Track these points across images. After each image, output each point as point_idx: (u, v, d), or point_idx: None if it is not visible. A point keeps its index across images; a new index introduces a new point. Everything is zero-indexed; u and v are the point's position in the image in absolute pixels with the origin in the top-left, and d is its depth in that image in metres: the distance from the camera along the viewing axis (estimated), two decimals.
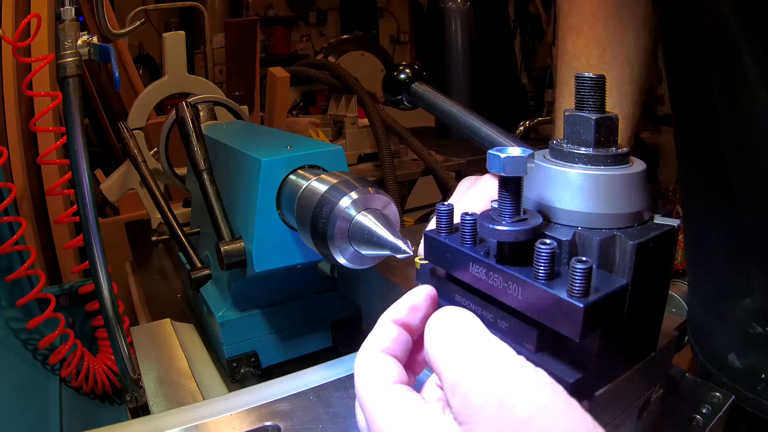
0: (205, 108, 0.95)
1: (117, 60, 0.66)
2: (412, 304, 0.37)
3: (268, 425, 0.50)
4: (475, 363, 0.29)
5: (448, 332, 0.32)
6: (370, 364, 0.34)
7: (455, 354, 0.30)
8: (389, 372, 0.33)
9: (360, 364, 0.34)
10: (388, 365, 0.34)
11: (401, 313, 0.36)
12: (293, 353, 0.74)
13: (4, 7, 0.98)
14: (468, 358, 0.29)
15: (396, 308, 0.37)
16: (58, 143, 0.91)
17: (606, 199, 0.34)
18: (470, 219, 0.36)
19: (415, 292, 0.38)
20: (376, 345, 0.35)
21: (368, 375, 0.33)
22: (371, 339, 0.35)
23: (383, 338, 0.35)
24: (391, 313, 0.37)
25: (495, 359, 0.29)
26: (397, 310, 0.37)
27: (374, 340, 0.35)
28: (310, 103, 2.45)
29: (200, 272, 0.73)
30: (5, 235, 0.84)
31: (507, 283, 0.33)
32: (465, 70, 2.59)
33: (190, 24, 4.04)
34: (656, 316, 0.38)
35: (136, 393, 0.73)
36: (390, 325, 0.36)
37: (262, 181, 0.59)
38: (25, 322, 0.85)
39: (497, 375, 0.28)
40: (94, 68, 1.58)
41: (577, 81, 0.36)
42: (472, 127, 0.58)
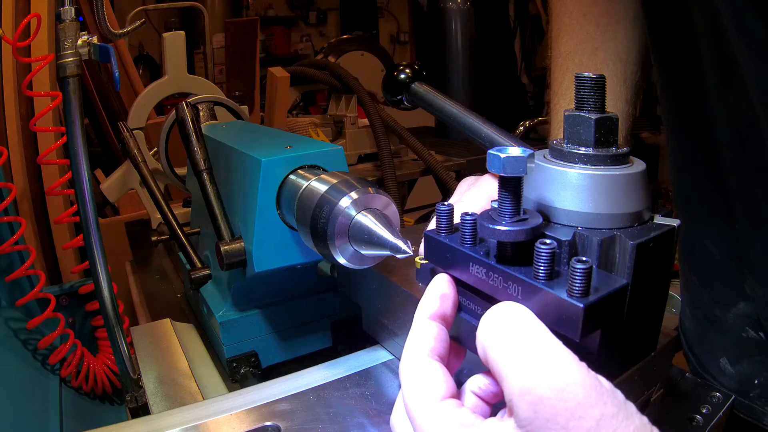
0: (205, 108, 0.95)
1: (117, 60, 0.66)
2: (441, 293, 0.37)
3: (268, 425, 0.50)
4: (546, 369, 0.28)
5: (512, 333, 0.30)
6: (418, 375, 0.33)
7: (523, 358, 0.29)
8: (439, 385, 0.33)
9: (407, 373, 0.34)
10: (437, 377, 0.33)
11: (435, 306, 0.36)
12: (293, 353, 0.74)
13: (4, 7, 0.98)
14: (538, 363, 0.28)
15: (428, 303, 0.37)
16: (58, 143, 0.91)
17: (606, 199, 0.34)
18: (470, 219, 0.36)
19: (438, 281, 0.38)
20: (421, 348, 0.35)
21: (417, 389, 0.33)
22: (414, 342, 0.35)
23: (427, 339, 0.35)
24: (426, 309, 0.36)
25: (563, 366, 0.28)
26: (430, 304, 0.36)
27: (418, 343, 0.35)
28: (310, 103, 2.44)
29: (200, 272, 0.73)
30: (5, 235, 0.84)
31: (507, 283, 0.33)
32: (465, 70, 2.59)
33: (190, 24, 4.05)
34: (656, 316, 0.38)
35: (136, 393, 0.73)
36: (429, 323, 0.36)
37: (262, 181, 0.59)
38: (25, 322, 0.85)
39: (568, 384, 0.27)
40: (94, 68, 1.58)
41: (577, 81, 0.36)
42: (472, 127, 0.58)
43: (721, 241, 0.54)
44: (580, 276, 0.29)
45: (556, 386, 0.27)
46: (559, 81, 0.63)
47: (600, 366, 0.33)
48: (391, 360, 0.62)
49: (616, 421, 0.27)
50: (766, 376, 0.53)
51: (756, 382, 0.54)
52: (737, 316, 0.54)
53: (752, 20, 0.41)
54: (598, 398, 0.27)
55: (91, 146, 1.64)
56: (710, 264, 0.56)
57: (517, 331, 0.30)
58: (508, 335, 0.30)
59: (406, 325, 0.59)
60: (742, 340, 0.54)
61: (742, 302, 0.54)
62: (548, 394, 0.27)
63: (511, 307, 0.32)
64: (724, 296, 0.55)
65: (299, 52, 5.28)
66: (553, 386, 0.27)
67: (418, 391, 0.33)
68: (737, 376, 0.55)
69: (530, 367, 0.28)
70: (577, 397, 0.27)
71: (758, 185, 0.47)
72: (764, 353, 0.53)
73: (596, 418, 0.26)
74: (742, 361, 0.55)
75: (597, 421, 0.26)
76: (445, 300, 0.37)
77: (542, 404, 0.27)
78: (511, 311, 0.31)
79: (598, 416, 0.26)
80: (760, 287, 0.51)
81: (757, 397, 0.54)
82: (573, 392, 0.27)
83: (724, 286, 0.55)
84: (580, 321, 0.29)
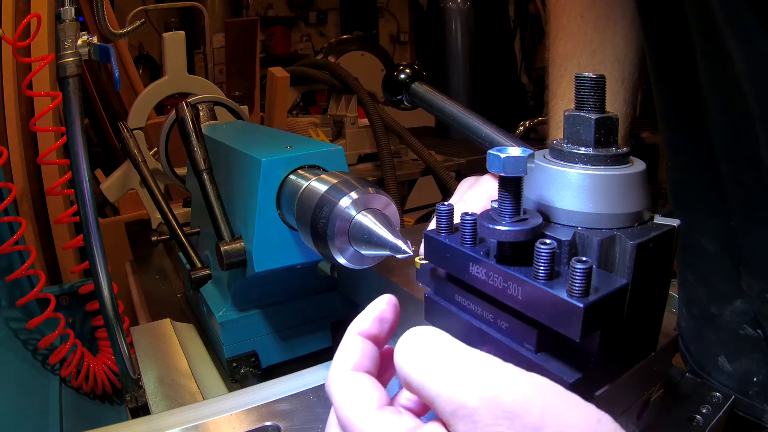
0: (205, 108, 0.95)
1: (117, 60, 0.66)
2: (380, 316, 0.35)
3: (268, 425, 0.50)
4: (472, 380, 0.27)
5: (429, 355, 0.30)
6: (349, 387, 0.32)
7: (447, 375, 0.28)
8: (372, 394, 0.31)
9: (337, 386, 0.32)
10: (369, 386, 0.32)
11: (366, 325, 0.35)
12: (293, 353, 0.74)
13: (4, 7, 0.98)
14: (462, 376, 0.28)
15: (361, 320, 0.35)
16: (58, 143, 0.91)
17: (606, 199, 0.34)
18: (470, 219, 0.36)
19: (379, 302, 0.36)
20: (347, 362, 0.33)
21: (351, 400, 0.31)
22: (342, 357, 0.34)
23: (353, 354, 0.33)
24: (357, 326, 0.35)
25: (489, 373, 0.28)
26: (363, 321, 0.35)
27: (346, 358, 0.33)
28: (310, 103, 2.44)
29: (200, 272, 0.73)
30: (5, 235, 0.84)
31: (507, 283, 0.33)
32: (465, 70, 2.59)
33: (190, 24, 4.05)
34: (656, 316, 0.38)
35: (136, 393, 0.73)
36: (357, 339, 0.34)
37: (262, 181, 0.60)
38: (25, 322, 0.85)
39: (498, 388, 0.27)
40: (94, 68, 1.58)
41: (577, 81, 0.36)
42: (472, 127, 0.58)
43: (716, 237, 0.54)
44: (580, 276, 0.29)
45: (487, 393, 0.27)
46: (557, 82, 0.63)
47: (600, 366, 0.34)
48: None
49: (559, 410, 0.26)
50: (765, 373, 0.53)
51: (755, 379, 0.54)
52: (734, 314, 0.54)
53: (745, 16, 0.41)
54: (535, 393, 0.27)
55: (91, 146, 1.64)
56: (706, 260, 0.56)
57: (433, 353, 0.30)
58: (425, 358, 0.30)
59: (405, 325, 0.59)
60: (740, 337, 0.54)
61: (738, 299, 0.54)
62: (481, 403, 0.27)
63: (421, 331, 0.31)
64: (720, 293, 0.55)
65: (299, 52, 5.28)
66: (484, 394, 0.27)
67: (353, 402, 0.31)
68: (736, 374, 0.55)
69: (455, 384, 0.28)
70: (513, 397, 0.26)
71: (752, 180, 0.47)
72: (762, 350, 0.53)
73: (539, 412, 0.26)
74: (740, 359, 0.55)
75: (540, 414, 0.26)
76: (383, 324, 0.36)
77: (479, 415, 0.26)
78: (422, 334, 0.31)
79: (541, 409, 0.26)
80: (755, 283, 0.51)
81: (756, 395, 0.54)
82: (507, 394, 0.26)
83: (720, 283, 0.55)
84: (580, 321, 0.29)
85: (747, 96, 0.44)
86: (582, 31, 0.61)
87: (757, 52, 0.42)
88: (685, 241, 0.58)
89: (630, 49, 0.61)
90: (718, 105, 0.48)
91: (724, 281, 0.54)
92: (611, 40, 0.60)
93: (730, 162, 0.49)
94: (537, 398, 0.26)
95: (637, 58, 0.61)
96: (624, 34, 0.60)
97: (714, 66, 0.47)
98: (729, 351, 0.56)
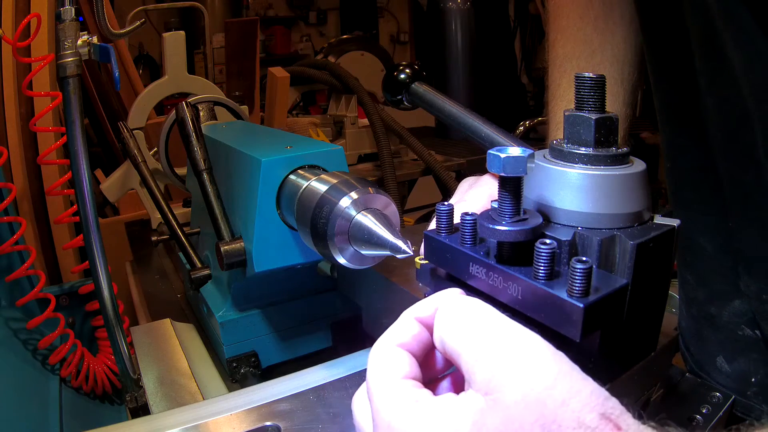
0: (205, 108, 0.95)
1: (117, 60, 0.66)
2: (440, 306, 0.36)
3: (268, 425, 0.50)
4: (500, 336, 0.30)
5: (465, 312, 0.32)
6: (383, 358, 0.34)
7: (478, 330, 0.31)
8: (401, 366, 0.33)
9: (374, 355, 0.34)
10: (401, 360, 0.33)
11: (426, 312, 0.36)
12: (293, 353, 0.74)
13: (4, 7, 0.98)
14: (492, 332, 0.30)
15: (422, 306, 0.36)
16: (58, 143, 0.90)
17: (606, 199, 0.34)
18: (470, 219, 0.36)
19: (446, 294, 0.37)
20: (393, 339, 0.35)
21: (379, 368, 0.33)
22: (389, 332, 0.35)
23: (402, 333, 0.35)
24: (416, 310, 0.36)
25: (515, 333, 0.30)
26: (423, 308, 0.36)
27: (392, 334, 0.35)
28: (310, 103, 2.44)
29: (200, 272, 0.73)
30: (5, 235, 0.84)
31: (507, 283, 0.33)
32: (465, 70, 2.59)
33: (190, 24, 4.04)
34: (656, 316, 0.38)
35: (136, 393, 0.73)
36: (412, 322, 0.36)
37: (262, 181, 0.59)
38: (25, 322, 0.85)
39: (521, 346, 0.29)
40: (94, 68, 1.58)
41: (577, 81, 0.36)
42: (472, 127, 0.58)
43: (714, 237, 0.54)
44: (580, 276, 0.29)
45: (511, 347, 0.29)
46: (557, 83, 0.63)
47: (600, 366, 0.34)
48: None
49: (571, 379, 0.28)
50: (763, 374, 0.53)
51: (753, 380, 0.54)
52: (733, 314, 0.54)
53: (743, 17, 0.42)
54: (552, 358, 0.28)
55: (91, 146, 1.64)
56: (705, 260, 0.56)
57: (468, 312, 0.32)
58: (463, 316, 0.32)
59: None
60: (738, 338, 0.54)
61: (737, 300, 0.54)
62: (504, 354, 0.29)
63: (464, 300, 0.33)
64: (718, 294, 0.55)
65: (299, 52, 5.28)
66: (508, 348, 0.29)
67: (380, 371, 0.33)
68: (734, 374, 0.55)
69: (483, 338, 0.30)
70: (533, 356, 0.28)
71: (750, 180, 0.47)
72: (761, 351, 0.53)
73: (554, 374, 0.28)
74: (738, 359, 0.55)
75: (554, 377, 0.28)
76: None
77: (500, 363, 0.29)
78: (465, 304, 0.33)
79: (556, 372, 0.28)
80: (754, 284, 0.51)
81: (754, 395, 0.54)
82: (529, 351, 0.29)
83: (718, 283, 0.55)
84: (580, 321, 0.29)
85: (745, 97, 0.44)
86: (581, 32, 0.61)
87: (756, 53, 0.42)
88: (683, 241, 0.58)
89: (629, 50, 0.61)
90: (717, 106, 0.48)
91: (722, 281, 0.54)
92: (610, 41, 0.61)
93: (729, 162, 0.49)
94: (554, 361, 0.28)
95: (637, 59, 0.61)
96: (623, 35, 0.61)
97: (713, 67, 0.47)
98: (727, 351, 0.56)
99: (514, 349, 0.29)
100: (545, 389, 0.27)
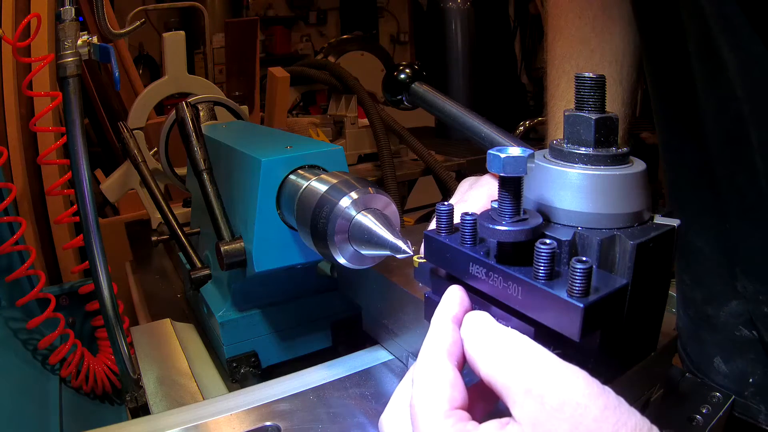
0: (205, 108, 0.95)
1: (117, 60, 0.66)
2: (460, 302, 0.37)
3: (268, 425, 0.50)
4: (545, 368, 0.30)
5: (502, 342, 0.32)
6: (434, 377, 0.33)
7: (522, 362, 0.31)
8: (452, 393, 0.33)
9: (423, 374, 0.34)
10: (451, 383, 0.33)
11: (457, 310, 0.36)
12: (293, 353, 0.74)
13: (4, 7, 0.98)
14: (536, 364, 0.30)
15: (450, 306, 0.36)
16: (58, 143, 0.91)
17: (606, 199, 0.34)
18: (470, 219, 0.36)
19: (454, 292, 0.37)
20: (442, 347, 0.34)
21: (429, 395, 0.32)
22: (437, 340, 0.35)
23: (447, 340, 0.35)
24: (448, 312, 0.36)
25: (556, 365, 0.30)
26: (452, 307, 0.36)
27: (440, 342, 0.35)
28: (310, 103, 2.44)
29: (200, 272, 0.73)
30: (5, 235, 0.84)
31: (507, 283, 0.33)
32: (465, 70, 2.59)
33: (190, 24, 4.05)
34: (656, 316, 0.38)
35: (136, 393, 0.73)
36: (450, 325, 0.35)
37: (262, 181, 0.59)
38: (25, 322, 0.85)
39: (567, 379, 0.29)
40: (94, 68, 1.58)
41: (577, 81, 0.36)
42: (472, 127, 0.58)
43: (711, 239, 0.54)
44: (580, 276, 0.29)
45: (561, 379, 0.29)
46: (555, 83, 0.63)
47: (600, 366, 0.34)
48: (391, 360, 0.62)
49: (618, 412, 0.28)
50: (760, 374, 0.53)
51: (750, 380, 0.54)
52: (730, 315, 0.54)
53: (738, 21, 0.42)
54: (600, 391, 0.29)
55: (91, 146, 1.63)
56: (702, 262, 0.56)
57: (505, 341, 0.32)
58: (502, 347, 0.32)
59: (406, 325, 0.59)
60: (736, 338, 0.54)
61: (734, 301, 0.54)
62: (553, 387, 0.29)
63: (484, 320, 0.34)
64: (715, 294, 0.55)
65: (299, 52, 5.28)
66: (558, 379, 0.29)
67: (428, 396, 0.32)
68: (731, 374, 0.55)
69: (533, 371, 0.30)
70: (581, 388, 0.28)
71: (746, 182, 0.47)
72: (758, 351, 0.53)
73: (600, 408, 0.28)
74: (735, 360, 0.55)
75: (602, 411, 0.28)
76: (463, 305, 0.37)
77: (548, 396, 0.29)
78: (492, 327, 0.34)
79: (602, 406, 0.28)
80: (750, 284, 0.51)
81: (752, 396, 0.54)
82: (577, 384, 0.29)
83: (715, 284, 0.55)
84: (579, 321, 0.29)
85: (741, 100, 0.44)
86: (580, 33, 0.61)
87: (751, 57, 0.42)
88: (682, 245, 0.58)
89: (628, 51, 0.61)
90: (713, 108, 0.48)
91: (719, 283, 0.55)
92: (609, 41, 0.61)
93: (725, 164, 0.49)
94: (602, 395, 0.29)
95: (635, 60, 0.61)
96: (622, 35, 0.61)
97: (709, 70, 0.47)
98: (724, 352, 0.56)
99: (561, 383, 0.29)
100: (594, 421, 0.28)
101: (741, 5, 0.41)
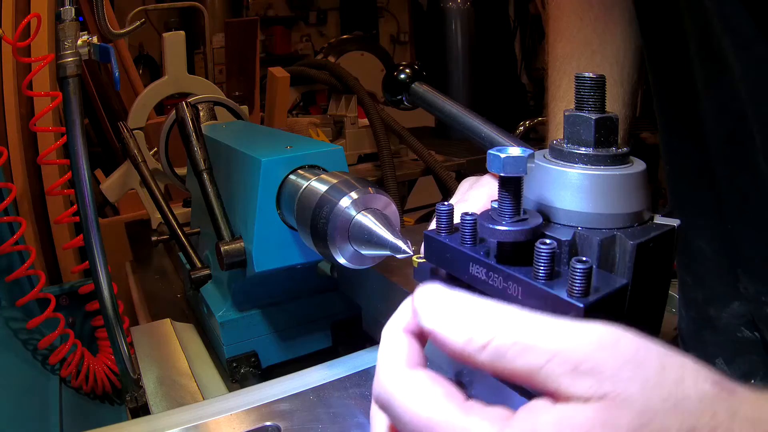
0: (205, 108, 0.95)
1: (117, 60, 0.66)
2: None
3: (268, 425, 0.50)
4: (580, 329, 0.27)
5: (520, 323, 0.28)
6: (414, 386, 0.29)
7: (549, 335, 0.27)
8: (449, 390, 0.29)
9: (396, 386, 0.30)
10: (439, 383, 0.29)
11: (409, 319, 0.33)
12: (293, 353, 0.74)
13: (4, 7, 0.98)
14: (567, 330, 0.27)
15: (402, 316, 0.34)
16: (58, 143, 0.90)
17: (606, 199, 0.34)
18: (470, 219, 0.36)
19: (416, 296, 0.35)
20: (399, 360, 0.31)
21: (425, 399, 0.28)
22: (390, 354, 0.32)
23: (403, 350, 0.32)
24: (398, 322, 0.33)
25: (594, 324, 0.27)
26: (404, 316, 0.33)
27: (394, 355, 0.32)
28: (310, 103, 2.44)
29: (200, 272, 0.73)
30: (5, 235, 0.84)
31: (507, 283, 0.33)
32: (465, 70, 2.59)
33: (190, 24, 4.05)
34: (656, 316, 0.38)
35: (136, 393, 0.73)
36: (402, 336, 0.33)
37: (262, 181, 0.60)
38: (25, 322, 0.85)
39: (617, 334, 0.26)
40: (94, 68, 1.58)
41: (577, 81, 0.36)
42: (472, 127, 0.58)
43: (713, 239, 0.54)
44: (580, 276, 0.29)
45: (607, 341, 0.26)
46: (556, 84, 0.63)
47: None
48: None
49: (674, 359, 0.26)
50: (762, 375, 0.53)
51: (753, 381, 0.54)
52: (732, 316, 0.54)
53: (741, 21, 0.42)
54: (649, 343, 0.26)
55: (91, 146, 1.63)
56: (703, 263, 0.56)
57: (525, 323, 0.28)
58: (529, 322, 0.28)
59: None
60: (738, 339, 0.54)
61: (736, 302, 0.54)
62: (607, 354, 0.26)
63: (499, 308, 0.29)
64: (717, 296, 0.55)
65: (299, 52, 5.28)
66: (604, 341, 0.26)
67: (429, 402, 0.28)
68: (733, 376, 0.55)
69: (564, 337, 0.26)
70: (632, 342, 0.26)
71: (748, 183, 0.47)
72: (760, 353, 0.53)
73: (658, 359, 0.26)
74: (737, 361, 0.55)
75: (660, 361, 0.26)
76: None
77: (604, 365, 0.25)
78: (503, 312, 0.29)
79: (659, 356, 0.26)
80: (752, 285, 0.51)
81: None
82: (626, 339, 0.26)
83: (717, 285, 0.55)
84: None
85: (743, 100, 0.44)
86: (581, 33, 0.61)
87: (754, 57, 0.42)
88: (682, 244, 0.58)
89: (629, 51, 0.61)
90: (715, 108, 0.48)
91: (721, 284, 0.54)
92: (610, 41, 0.60)
93: (727, 165, 0.49)
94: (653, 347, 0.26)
95: (636, 60, 0.61)
96: (623, 35, 0.60)
97: (711, 70, 0.47)
98: (726, 353, 0.56)
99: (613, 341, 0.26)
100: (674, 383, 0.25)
101: (744, 5, 0.41)
